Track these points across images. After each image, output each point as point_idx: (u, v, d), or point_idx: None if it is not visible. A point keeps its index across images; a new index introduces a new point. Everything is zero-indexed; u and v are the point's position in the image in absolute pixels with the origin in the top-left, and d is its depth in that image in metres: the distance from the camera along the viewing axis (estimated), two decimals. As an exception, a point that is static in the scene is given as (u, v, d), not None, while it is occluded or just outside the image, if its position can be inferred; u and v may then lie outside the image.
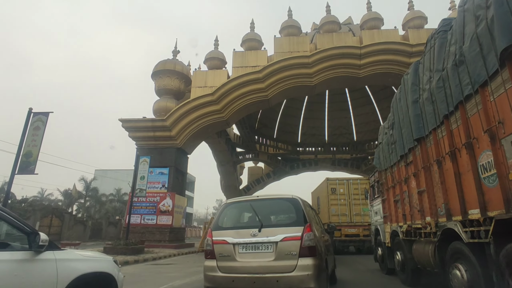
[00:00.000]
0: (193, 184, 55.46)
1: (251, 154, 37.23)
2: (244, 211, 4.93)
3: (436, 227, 4.88)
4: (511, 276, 3.04)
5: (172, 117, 18.19)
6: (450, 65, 4.22)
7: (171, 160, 18.23)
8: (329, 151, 38.38)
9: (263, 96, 18.77)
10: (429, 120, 5.02)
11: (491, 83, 3.40)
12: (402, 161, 6.53)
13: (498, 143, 3.32)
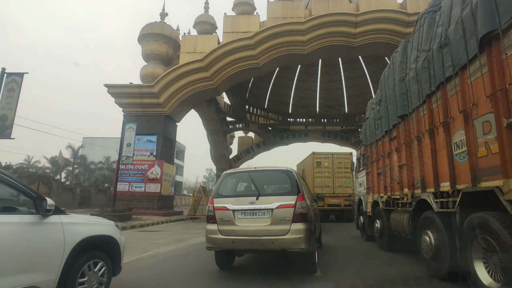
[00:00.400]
0: (183, 153, 55.19)
1: (241, 124, 36.87)
2: (243, 181, 5.29)
3: (412, 198, 5.27)
4: (473, 241, 3.43)
5: (160, 83, 17.54)
6: (436, 46, 4.36)
7: (159, 128, 17.81)
8: (319, 123, 38.28)
9: (254, 64, 18.17)
10: (413, 99, 5.24)
11: (470, 66, 3.56)
12: (387, 136, 6.83)
13: (471, 123, 3.58)
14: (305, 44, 17.99)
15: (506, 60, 3.05)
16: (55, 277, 2.85)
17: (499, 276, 3.15)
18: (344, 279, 4.64)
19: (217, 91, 19.08)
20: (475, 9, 3.38)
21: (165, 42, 18.97)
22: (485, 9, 3.18)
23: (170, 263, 5.82)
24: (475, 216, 3.42)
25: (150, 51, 18.81)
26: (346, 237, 9.84)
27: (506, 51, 3.03)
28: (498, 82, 3.10)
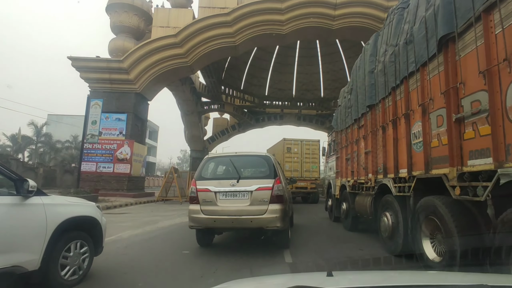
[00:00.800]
0: (156, 133, 53.65)
1: (216, 105, 36.08)
2: (224, 165, 5.70)
3: (375, 182, 5.72)
4: (422, 222, 3.88)
5: (130, 58, 16.50)
6: (402, 42, 4.64)
7: (129, 106, 16.91)
8: (295, 106, 38.20)
9: (230, 42, 17.48)
10: (380, 90, 5.59)
11: (429, 64, 3.88)
12: (355, 124, 7.27)
13: (427, 116, 3.95)
14: (284, 24, 17.46)
15: (459, 61, 3.34)
16: (38, 257, 2.90)
17: (441, 251, 3.56)
18: (309, 254, 5.16)
19: (191, 69, 18.27)
20: (437, 11, 3.61)
21: (136, 14, 17.80)
22: (445, 12, 3.41)
23: (133, 249, 5.37)
24: (425, 199, 3.86)
25: (120, 23, 17.60)
26: (316, 218, 10.39)
27: (460, 53, 3.33)
28: (451, 81, 3.41)
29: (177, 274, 4.02)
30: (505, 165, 2.64)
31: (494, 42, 2.83)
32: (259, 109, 39.10)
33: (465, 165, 3.21)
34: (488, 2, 2.84)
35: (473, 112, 3.10)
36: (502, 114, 2.71)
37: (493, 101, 2.81)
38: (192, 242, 5.45)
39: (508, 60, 2.64)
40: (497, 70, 2.78)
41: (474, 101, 3.13)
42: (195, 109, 33.81)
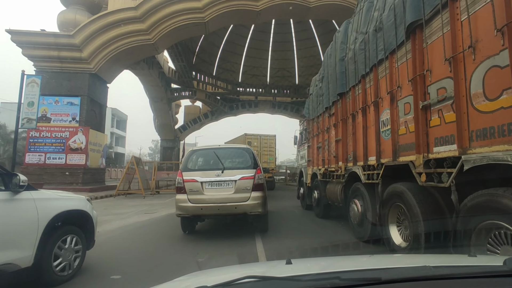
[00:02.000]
0: (125, 122, 50.46)
1: (188, 92, 34.03)
2: (209, 157, 6.00)
3: (345, 170, 5.84)
4: (390, 208, 3.98)
5: (83, 33, 14.34)
6: (372, 30, 4.67)
7: (83, 88, 14.82)
8: (270, 93, 36.93)
9: (199, 18, 15.67)
10: (350, 78, 5.62)
11: (398, 52, 3.91)
12: (327, 113, 7.32)
13: (395, 104, 4.00)
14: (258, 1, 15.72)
15: (426, 49, 3.36)
16: (31, 253, 2.88)
17: (407, 237, 3.65)
18: (280, 241, 5.30)
19: (155, 48, 16.31)
20: (400, 2, 3.70)
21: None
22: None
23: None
24: (392, 186, 3.94)
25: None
26: (288, 206, 10.59)
27: (427, 40, 3.35)
28: (418, 68, 3.44)
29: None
30: (469, 151, 2.71)
31: (460, 29, 2.85)
32: (232, 96, 37.49)
33: (431, 152, 3.27)
34: (428, 14, 3.08)
35: (439, 99, 3.14)
36: (466, 101, 2.76)
37: (458, 88, 2.84)
38: (148, 251, 4.78)
39: (473, 47, 2.67)
40: (462, 57, 2.81)
41: (440, 88, 3.16)
42: (164, 95, 31.65)
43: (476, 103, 2.64)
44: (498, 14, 2.37)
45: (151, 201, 12.12)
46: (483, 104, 2.58)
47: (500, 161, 2.32)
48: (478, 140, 2.62)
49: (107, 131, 43.36)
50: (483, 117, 2.58)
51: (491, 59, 2.49)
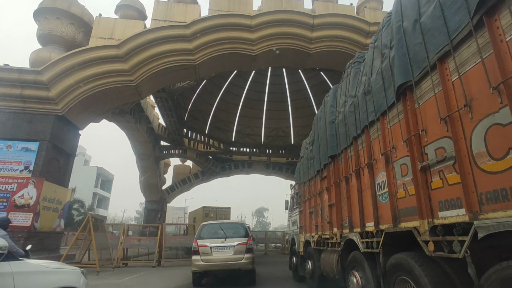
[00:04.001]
0: (111, 182, 46.88)
1: (178, 150, 31.58)
2: (215, 228, 8.58)
3: (340, 238, 5.45)
4: (394, 282, 3.55)
5: (52, 70, 12.24)
6: (361, 93, 4.77)
7: (45, 132, 12.19)
8: (264, 153, 34.89)
9: (189, 61, 13.91)
10: (341, 140, 5.63)
11: (389, 113, 3.92)
12: (318, 176, 7.22)
13: (391, 166, 3.87)
14: (254, 43, 14.37)
15: (418, 109, 3.35)
16: None
17: None
18: None
19: (138, 93, 14.15)
20: (392, 62, 3.71)
21: (72, 23, 14.00)
22: (401, 63, 3.48)
23: None
24: (395, 257, 3.55)
25: (49, 31, 13.64)
26: (280, 277, 9.87)
27: (418, 101, 3.34)
28: (413, 128, 3.40)
29: None
30: (480, 216, 2.42)
31: (452, 89, 2.83)
32: (225, 156, 35.22)
33: (436, 217, 2.98)
34: (441, 52, 2.91)
35: (438, 159, 3.01)
36: (469, 161, 2.61)
37: (458, 147, 2.72)
38: None
39: (468, 105, 2.62)
40: (459, 116, 2.74)
41: (438, 148, 3.05)
42: (152, 153, 29.19)
43: (481, 163, 2.50)
44: (491, 72, 2.35)
45: (102, 281, 8.71)
46: (489, 164, 2.42)
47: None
48: (490, 204, 2.37)
49: (89, 191, 39.97)
50: (491, 178, 2.38)
51: (491, 117, 2.42)
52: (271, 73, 31.56)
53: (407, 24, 3.47)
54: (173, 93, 23.08)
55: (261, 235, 28.56)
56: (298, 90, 32.69)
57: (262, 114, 35.20)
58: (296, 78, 31.60)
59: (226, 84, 31.49)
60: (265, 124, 35.59)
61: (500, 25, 2.30)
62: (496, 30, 2.32)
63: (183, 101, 29.69)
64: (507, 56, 2.23)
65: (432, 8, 3.03)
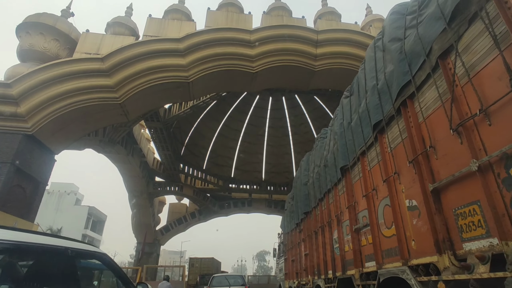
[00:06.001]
0: (103, 223, 43.48)
1: (173, 187, 29.26)
2: (222, 278, 11.62)
3: (312, 284, 6.40)
4: None
5: (25, 82, 10.57)
6: (322, 165, 6.03)
7: (8, 153, 10.12)
8: (265, 190, 32.35)
9: (182, 78, 12.37)
10: (312, 200, 6.81)
11: (338, 184, 5.17)
12: (297, 228, 8.28)
13: (341, 226, 4.98)
14: (254, 59, 12.95)
15: (353, 186, 4.57)
16: None
17: None
18: None
19: (124, 113, 12.38)
20: (336, 149, 5.24)
21: (57, 40, 12.64)
22: (341, 151, 4.90)
23: None
24: None
25: (29, 46, 12.21)
26: None
27: (353, 180, 4.57)
28: (349, 199, 4.57)
29: None
30: (383, 266, 3.45)
31: (369, 177, 4.01)
32: (223, 194, 32.76)
33: (364, 267, 3.99)
34: (362, 149, 4.20)
35: (364, 224, 4.03)
36: (377, 228, 3.68)
37: (371, 217, 3.83)
38: None
39: (375, 189, 3.82)
40: (371, 195, 3.90)
41: (363, 216, 4.08)
42: (145, 189, 26.89)
43: (382, 229, 3.57)
44: (384, 170, 3.65)
45: None
46: (386, 231, 3.49)
47: (395, 274, 3.11)
48: (386, 258, 3.46)
49: (77, 232, 36.59)
50: (386, 240, 3.46)
51: (385, 199, 3.56)
52: (272, 106, 30.35)
53: (346, 124, 4.86)
54: (167, 122, 21.45)
55: (263, 280, 25.62)
56: (300, 124, 31.22)
57: (263, 150, 33.36)
58: (297, 111, 30.34)
59: (224, 118, 30.10)
60: (266, 160, 33.59)
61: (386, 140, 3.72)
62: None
63: (180, 134, 28.03)
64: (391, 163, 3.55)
65: (356, 117, 4.45)
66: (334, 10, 15.85)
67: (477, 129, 2.27)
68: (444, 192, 2.57)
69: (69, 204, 36.91)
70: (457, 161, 2.42)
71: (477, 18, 2.31)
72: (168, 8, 14.58)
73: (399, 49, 3.30)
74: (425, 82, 2.90)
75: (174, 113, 20.94)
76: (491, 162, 2.10)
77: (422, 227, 2.80)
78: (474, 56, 2.34)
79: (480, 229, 2.18)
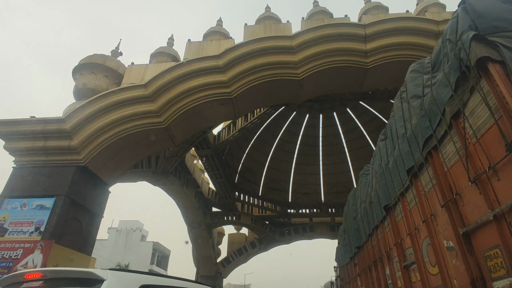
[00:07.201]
0: (167, 258, 44.05)
1: (231, 216, 28.48)
2: None
3: None
4: None
5: (76, 116, 10.82)
6: (368, 201, 6.08)
7: (63, 185, 10.15)
8: (326, 213, 29.91)
9: (224, 94, 11.78)
10: (362, 235, 6.76)
11: (384, 222, 5.23)
12: (352, 262, 8.30)
13: (392, 262, 4.99)
14: (298, 66, 11.96)
15: (397, 223, 4.64)
16: None
17: None
18: None
19: (170, 137, 12.06)
20: (379, 188, 5.26)
21: (106, 76, 13.13)
22: (383, 190, 4.95)
23: None
24: None
25: (83, 86, 12.79)
26: None
27: (396, 218, 4.65)
28: (395, 238, 4.64)
29: None
30: None
31: (410, 216, 4.11)
32: (282, 220, 31.02)
33: None
34: (401, 190, 4.30)
35: (411, 261, 4.06)
36: (423, 265, 3.74)
37: (417, 255, 3.87)
38: None
39: (417, 228, 3.88)
40: (414, 234, 3.95)
41: (410, 253, 4.14)
42: (202, 220, 26.47)
43: (428, 267, 3.61)
44: (422, 212, 3.73)
45: None
46: (431, 268, 3.53)
47: None
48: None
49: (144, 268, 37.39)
50: (433, 278, 3.52)
51: (426, 239, 3.61)
52: (323, 123, 28.71)
53: (384, 165, 4.96)
54: (218, 148, 21.12)
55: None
56: (356, 139, 28.91)
57: (319, 170, 31.29)
58: (351, 125, 28.19)
59: (276, 141, 29.16)
60: (323, 180, 31.36)
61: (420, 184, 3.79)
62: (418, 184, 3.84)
63: (232, 162, 27.60)
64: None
65: (392, 161, 4.56)
66: (380, 3, 14.36)
67: (490, 183, 2.49)
68: (474, 236, 2.73)
69: (135, 240, 38.19)
70: (478, 209, 2.62)
71: (475, 89, 2.56)
72: (206, 32, 14.53)
73: (419, 106, 3.49)
74: (444, 137, 3.06)
75: (223, 138, 20.58)
76: (503, 212, 2.31)
77: (460, 267, 2.92)
78: (479, 120, 2.57)
79: (502, 269, 2.41)
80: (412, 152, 3.71)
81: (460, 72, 2.65)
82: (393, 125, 4.54)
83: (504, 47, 2.33)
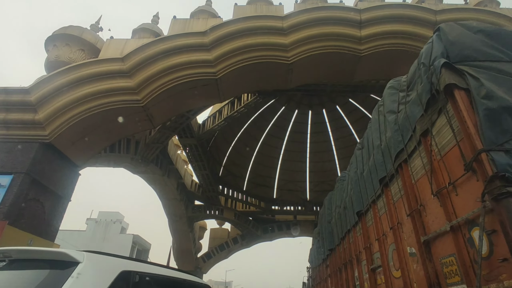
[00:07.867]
0: (147, 252, 42.64)
1: (214, 210, 27.55)
2: None
3: None
4: None
5: (43, 87, 9.76)
6: (342, 206, 6.38)
7: (24, 163, 9.05)
8: (311, 211, 29.33)
9: (209, 74, 10.92)
10: (335, 237, 7.13)
11: (356, 227, 5.54)
12: (324, 263, 8.69)
13: (360, 265, 5.26)
14: (288, 49, 11.21)
15: (367, 229, 4.91)
16: None
17: None
18: None
19: (148, 117, 11.12)
20: (353, 194, 5.51)
21: (82, 50, 12.04)
22: (357, 196, 5.23)
23: None
24: None
25: (55, 58, 11.68)
26: None
27: (367, 223, 4.90)
28: (365, 242, 4.90)
29: None
30: None
31: (379, 223, 4.39)
32: (266, 216, 30.30)
33: None
34: (372, 198, 4.61)
35: (378, 265, 4.30)
36: (387, 269, 3.99)
37: (383, 259, 4.10)
38: None
39: (385, 234, 4.15)
40: (382, 239, 4.21)
41: (377, 257, 4.37)
42: (184, 213, 25.44)
43: (392, 271, 3.84)
44: (390, 219, 3.97)
45: None
46: (395, 272, 3.76)
47: None
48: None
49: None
50: (396, 281, 3.73)
51: (392, 244, 3.84)
52: (312, 120, 28.16)
53: (359, 173, 5.17)
54: (202, 138, 20.21)
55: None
56: (343, 137, 28.50)
57: (305, 167, 30.79)
58: (340, 123, 27.76)
59: (263, 135, 28.44)
60: (310, 178, 30.86)
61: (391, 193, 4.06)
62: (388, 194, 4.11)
63: (217, 154, 26.72)
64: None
65: (366, 169, 4.76)
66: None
67: (449, 197, 2.73)
68: (433, 244, 2.96)
69: (115, 232, 36.79)
70: (438, 220, 2.87)
71: (442, 112, 2.79)
72: (194, 10, 13.61)
73: (394, 120, 3.73)
74: (414, 152, 3.33)
75: (208, 127, 19.69)
76: (460, 224, 2.55)
77: (420, 272, 3.13)
78: (443, 140, 2.81)
79: (457, 276, 2.60)
80: (385, 163, 3.94)
81: (430, 94, 2.86)
82: (370, 136, 4.77)
83: (470, 76, 2.50)
